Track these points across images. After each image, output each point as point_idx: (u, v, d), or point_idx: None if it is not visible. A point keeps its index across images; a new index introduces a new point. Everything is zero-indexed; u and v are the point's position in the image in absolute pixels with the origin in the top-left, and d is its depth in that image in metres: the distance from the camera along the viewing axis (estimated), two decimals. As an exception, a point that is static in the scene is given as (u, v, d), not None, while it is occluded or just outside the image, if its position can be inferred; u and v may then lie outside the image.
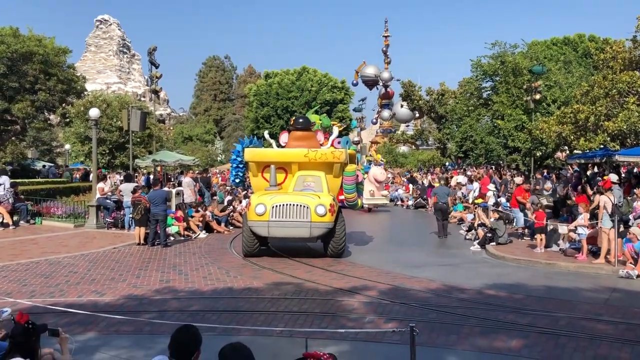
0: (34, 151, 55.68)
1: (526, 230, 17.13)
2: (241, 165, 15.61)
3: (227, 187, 26.62)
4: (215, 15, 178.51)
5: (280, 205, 13.35)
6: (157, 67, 33.88)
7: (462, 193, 25.37)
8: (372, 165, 28.43)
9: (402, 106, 41.37)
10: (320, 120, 16.73)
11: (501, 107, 33.19)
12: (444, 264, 13.87)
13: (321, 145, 15.66)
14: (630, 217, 14.76)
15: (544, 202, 16.96)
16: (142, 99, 78.28)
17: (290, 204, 13.38)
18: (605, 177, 15.31)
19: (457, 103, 37.88)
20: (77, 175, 36.90)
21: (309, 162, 14.70)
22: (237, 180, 16.17)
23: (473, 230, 17.78)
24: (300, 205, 13.34)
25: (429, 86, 43.17)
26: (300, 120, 16.12)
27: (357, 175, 16.02)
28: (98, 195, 19.74)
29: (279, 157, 15.08)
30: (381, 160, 32.70)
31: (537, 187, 20.03)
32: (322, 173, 14.65)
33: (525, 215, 16.91)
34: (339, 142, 15.87)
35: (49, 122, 41.62)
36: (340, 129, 16.52)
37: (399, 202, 30.88)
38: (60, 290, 10.39)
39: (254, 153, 15.20)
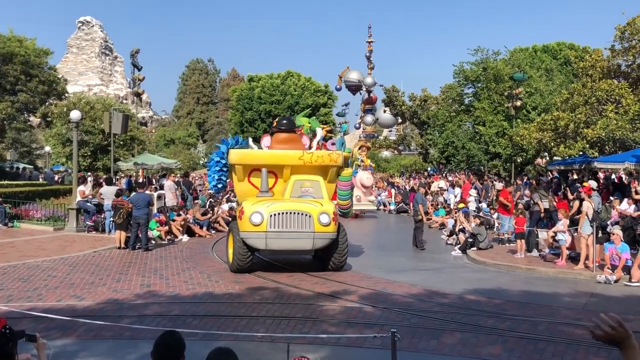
0: (13, 153, 54.89)
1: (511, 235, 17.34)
2: (225, 169, 14.10)
3: (210, 191, 26.49)
4: (199, 19, 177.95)
5: (279, 214, 12.00)
6: (139, 70, 33.74)
7: (444, 198, 25.55)
8: (359, 169, 28.32)
9: (385, 111, 41.48)
10: (309, 123, 16.08)
11: (482, 114, 33.52)
12: (426, 268, 13.95)
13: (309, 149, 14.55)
14: (608, 223, 15.00)
15: (546, 204, 17.01)
16: (124, 101, 77.74)
17: (290, 212, 12.03)
18: (585, 184, 15.55)
19: (440, 109, 38.16)
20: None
21: (304, 165, 13.37)
22: (220, 186, 14.61)
23: (454, 235, 17.90)
24: (302, 214, 12.05)
25: (411, 92, 43.51)
26: (284, 121, 14.87)
27: (352, 180, 15.17)
28: (78, 198, 19.53)
29: (270, 159, 13.54)
30: (370, 165, 32.64)
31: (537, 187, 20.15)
32: (321, 177, 13.43)
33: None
34: (333, 144, 14.42)
35: (29, 123, 41.13)
36: (327, 129, 15.56)
37: (382, 207, 31.00)
38: (38, 294, 10.25)
39: (241, 154, 13.62)
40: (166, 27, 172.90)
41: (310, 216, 12.05)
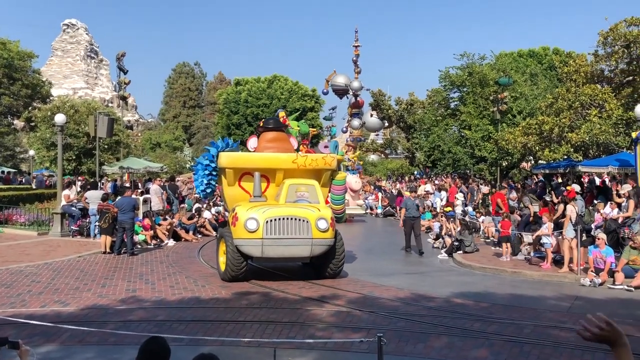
0: (-4, 157, 54.24)
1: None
2: (215, 173, 13.30)
3: (196, 195, 26.33)
4: (186, 22, 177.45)
5: (275, 220, 11.47)
6: (125, 73, 33.50)
7: (430, 202, 25.67)
8: (347, 172, 28.20)
9: (371, 115, 41.65)
10: (298, 126, 15.57)
11: (468, 118, 33.77)
12: (412, 272, 13.99)
13: (296, 151, 13.93)
14: (592, 226, 15.15)
15: (536, 208, 17.08)
16: (110, 104, 77.29)
17: (287, 218, 11.54)
18: (569, 187, 15.70)
19: (426, 113, 38.39)
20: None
21: (297, 169, 12.85)
22: (209, 190, 13.73)
23: (440, 239, 17.98)
24: (300, 219, 11.57)
25: (398, 96, 43.79)
26: (271, 120, 14.31)
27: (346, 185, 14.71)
28: (63, 203, 19.35)
29: (263, 162, 12.97)
30: (358, 163, 32.49)
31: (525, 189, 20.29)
32: (316, 182, 12.94)
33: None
34: (325, 147, 14.03)
35: (12, 127, 40.72)
36: (315, 132, 15.17)
37: (369, 211, 31.04)
38: (21, 300, 10.12)
39: (232, 158, 13.00)
40: (153, 30, 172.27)
41: (307, 222, 11.60)
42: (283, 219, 11.55)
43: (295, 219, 11.59)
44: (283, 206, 12.09)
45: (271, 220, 11.46)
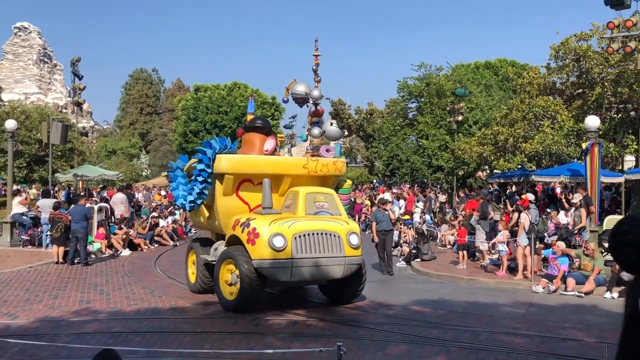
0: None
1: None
2: (210, 180, 10.91)
3: (153, 204, 25.90)
4: (144, 28, 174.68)
5: (305, 235, 9.73)
6: (80, 79, 32.70)
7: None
8: None
9: (331, 124, 41.77)
10: None
11: (426, 127, 34.36)
12: (371, 280, 13.99)
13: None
14: (545, 234, 15.57)
15: (497, 216, 17.32)
16: (64, 110, 75.36)
17: (318, 233, 9.84)
18: (523, 196, 16.09)
19: (385, 123, 38.86)
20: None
21: (305, 176, 11.18)
22: (200, 202, 11.01)
23: (398, 247, 18.16)
24: (331, 234, 9.92)
25: (357, 105, 44.09)
26: (259, 121, 12.39)
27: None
28: (13, 211, 18.71)
29: (271, 167, 11.04)
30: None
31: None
32: (333, 190, 11.37)
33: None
34: (327, 151, 12.07)
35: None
36: (282, 139, 14.46)
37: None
38: (-32, 313, 9.72)
39: (235, 161, 10.79)
40: (109, 35, 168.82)
41: (339, 237, 9.97)
42: (313, 234, 9.81)
43: (326, 234, 9.92)
44: (308, 219, 10.25)
45: (300, 236, 9.71)
